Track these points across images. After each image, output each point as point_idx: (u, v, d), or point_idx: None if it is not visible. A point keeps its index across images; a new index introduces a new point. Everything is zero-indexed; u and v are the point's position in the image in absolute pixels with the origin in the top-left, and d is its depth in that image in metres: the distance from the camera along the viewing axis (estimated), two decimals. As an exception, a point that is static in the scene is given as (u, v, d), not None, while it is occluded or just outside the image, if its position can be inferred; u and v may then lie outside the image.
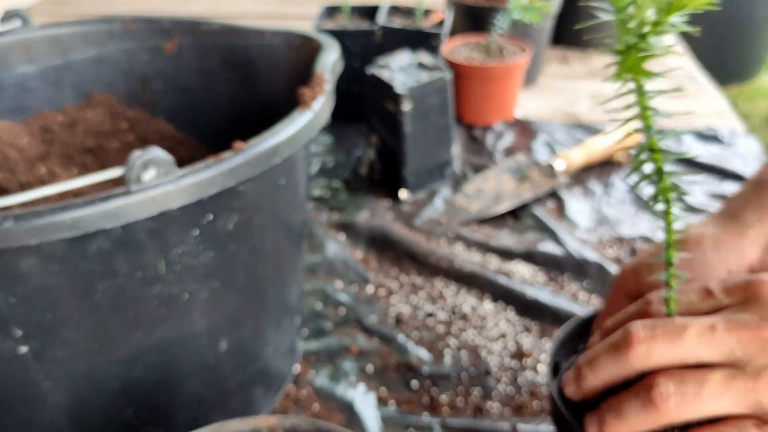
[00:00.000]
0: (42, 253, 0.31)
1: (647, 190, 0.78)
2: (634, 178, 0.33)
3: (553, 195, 0.77)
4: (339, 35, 0.86)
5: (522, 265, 0.66)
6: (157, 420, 0.41)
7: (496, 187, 0.77)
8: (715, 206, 0.75)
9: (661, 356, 0.31)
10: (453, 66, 0.87)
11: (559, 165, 0.78)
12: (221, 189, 0.34)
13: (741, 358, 0.30)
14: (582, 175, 0.81)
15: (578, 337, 0.43)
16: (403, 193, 0.77)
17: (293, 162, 0.41)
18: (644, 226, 0.72)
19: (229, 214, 0.37)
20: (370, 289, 0.63)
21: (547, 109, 0.99)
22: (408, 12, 0.97)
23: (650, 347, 0.31)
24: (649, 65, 0.29)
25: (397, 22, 0.92)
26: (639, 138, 0.84)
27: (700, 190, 0.78)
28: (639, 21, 0.28)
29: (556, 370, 0.40)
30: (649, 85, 0.30)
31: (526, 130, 0.93)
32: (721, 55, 2.47)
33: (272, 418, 0.34)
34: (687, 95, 1.03)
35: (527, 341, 0.57)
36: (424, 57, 0.78)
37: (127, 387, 0.38)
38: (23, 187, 0.51)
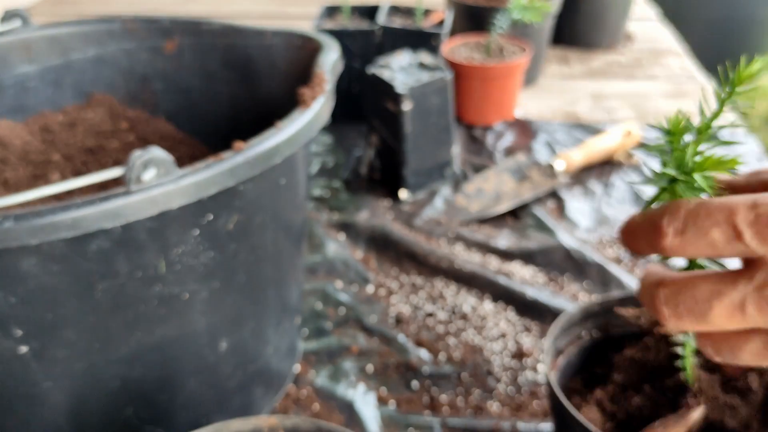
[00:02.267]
0: (42, 253, 0.31)
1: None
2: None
3: (553, 195, 0.77)
4: (339, 35, 0.86)
5: (522, 265, 0.66)
6: (157, 420, 0.41)
7: (496, 187, 0.77)
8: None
9: (689, 328, 0.29)
10: (453, 66, 0.87)
11: (559, 165, 0.78)
12: (221, 189, 0.34)
13: None
14: (582, 175, 0.81)
15: (579, 326, 0.43)
16: (403, 193, 0.77)
17: (293, 162, 0.41)
18: (644, 226, 0.72)
19: (229, 214, 0.37)
20: (370, 289, 0.63)
21: (547, 109, 0.99)
22: (408, 12, 0.97)
23: (675, 323, 0.29)
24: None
25: (397, 22, 0.92)
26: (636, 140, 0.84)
27: (700, 190, 0.78)
28: (684, 160, 0.30)
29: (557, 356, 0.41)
30: None
31: (526, 130, 0.93)
32: (721, 55, 2.47)
33: (273, 418, 0.34)
34: (687, 95, 1.03)
35: (527, 341, 0.57)
36: (425, 57, 0.78)
37: (127, 386, 0.38)
38: (23, 186, 0.51)
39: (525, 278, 0.64)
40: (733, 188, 0.32)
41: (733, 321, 0.28)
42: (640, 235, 0.30)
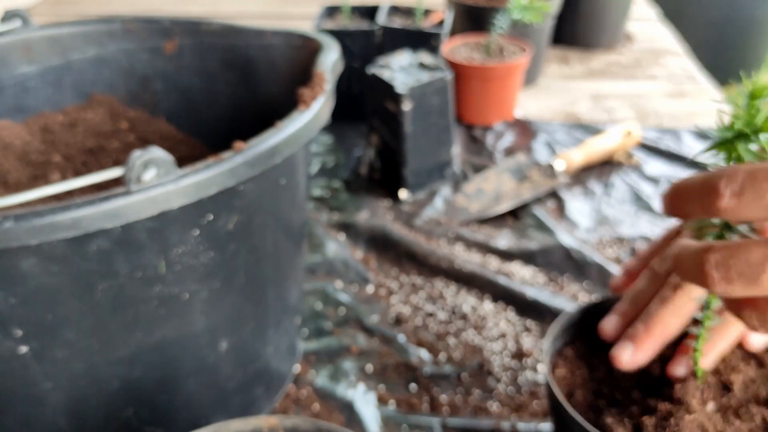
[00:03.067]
0: (42, 253, 0.31)
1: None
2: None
3: (553, 195, 0.77)
4: (339, 35, 0.86)
5: (522, 265, 0.66)
6: (157, 420, 0.41)
7: (496, 187, 0.77)
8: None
9: (738, 293, 0.29)
10: (453, 66, 0.87)
11: (559, 165, 0.78)
12: (221, 189, 0.34)
13: None
14: (582, 175, 0.81)
15: (578, 326, 0.43)
16: (403, 193, 0.77)
17: (293, 162, 0.41)
18: (644, 226, 0.72)
19: (229, 214, 0.37)
20: (370, 289, 0.63)
21: (547, 109, 0.99)
22: (408, 12, 0.97)
23: (725, 288, 0.29)
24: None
25: (397, 22, 0.92)
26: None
27: (700, 190, 0.78)
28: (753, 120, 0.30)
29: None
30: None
31: (526, 130, 0.93)
32: (721, 55, 2.47)
33: (273, 419, 0.34)
34: (687, 95, 1.03)
35: (527, 341, 0.57)
36: (425, 57, 0.78)
37: (127, 387, 0.38)
38: (23, 186, 0.51)
39: (525, 278, 0.64)
40: None
41: None
42: (692, 196, 0.30)
